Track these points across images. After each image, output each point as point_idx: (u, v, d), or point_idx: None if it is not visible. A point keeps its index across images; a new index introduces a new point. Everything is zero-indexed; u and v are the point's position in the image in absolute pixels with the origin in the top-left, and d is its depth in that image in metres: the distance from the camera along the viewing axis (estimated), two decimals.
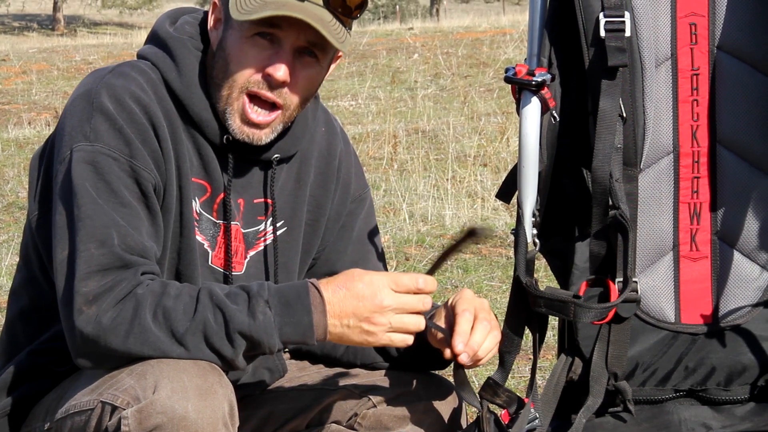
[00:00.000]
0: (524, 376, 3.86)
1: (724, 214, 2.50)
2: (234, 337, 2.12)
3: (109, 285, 2.13)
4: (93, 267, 2.13)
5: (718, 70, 2.47)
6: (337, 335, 2.17)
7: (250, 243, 2.41)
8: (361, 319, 2.16)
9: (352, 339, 2.18)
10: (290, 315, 2.15)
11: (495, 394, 2.37)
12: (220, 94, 2.30)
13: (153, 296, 2.13)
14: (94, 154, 2.19)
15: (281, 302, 2.15)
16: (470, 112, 10.49)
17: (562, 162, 2.45)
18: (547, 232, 2.45)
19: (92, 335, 2.11)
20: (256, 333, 2.13)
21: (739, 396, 2.52)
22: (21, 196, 7.40)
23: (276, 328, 2.13)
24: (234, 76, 2.28)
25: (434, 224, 6.60)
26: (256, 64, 2.27)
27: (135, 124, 2.22)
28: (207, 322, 2.12)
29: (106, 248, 2.14)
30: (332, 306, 2.16)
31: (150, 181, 2.22)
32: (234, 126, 2.29)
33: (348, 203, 2.54)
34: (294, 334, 2.15)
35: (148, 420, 2.06)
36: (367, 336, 2.17)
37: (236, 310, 2.13)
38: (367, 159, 8.49)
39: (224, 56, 2.29)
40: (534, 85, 2.33)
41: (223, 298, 2.14)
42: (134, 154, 2.21)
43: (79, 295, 2.12)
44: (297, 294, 2.16)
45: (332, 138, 2.52)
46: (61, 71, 14.26)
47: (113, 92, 2.23)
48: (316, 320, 2.15)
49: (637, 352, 2.50)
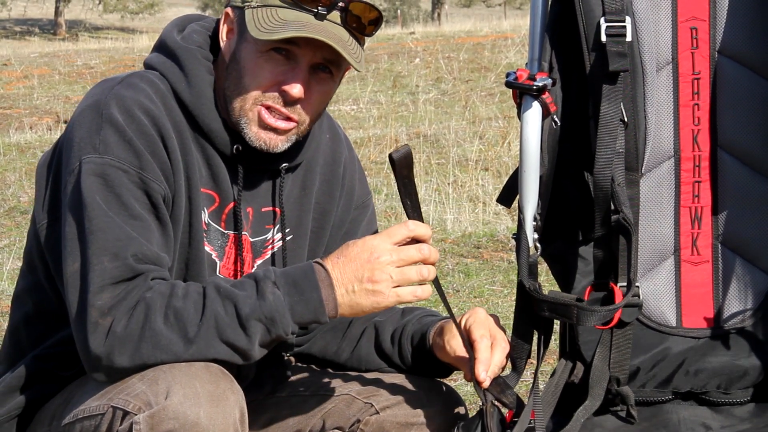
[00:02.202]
0: (526, 380, 3.86)
1: (725, 218, 2.50)
2: (247, 324, 2.12)
3: (122, 295, 2.13)
4: (107, 280, 2.14)
5: (719, 75, 2.47)
6: (347, 305, 2.16)
7: (258, 252, 2.42)
8: (364, 280, 2.15)
9: (362, 304, 2.16)
10: (299, 293, 2.15)
11: (501, 392, 2.37)
12: (233, 106, 2.30)
13: (162, 298, 2.13)
14: (104, 167, 2.19)
15: (288, 282, 2.15)
16: (471, 117, 10.49)
17: (564, 166, 2.46)
18: (548, 236, 2.45)
19: (107, 346, 2.12)
20: (268, 313, 2.12)
21: (740, 399, 2.52)
22: (22, 200, 7.41)
23: (287, 307, 2.13)
24: (248, 89, 2.28)
25: (436, 228, 6.60)
26: (271, 79, 2.27)
27: (144, 135, 2.22)
28: (218, 316, 2.12)
29: (119, 261, 2.15)
30: (336, 277, 2.16)
31: (160, 192, 2.22)
32: (251, 134, 2.30)
33: (352, 210, 2.55)
34: (306, 312, 2.15)
35: (160, 425, 2.06)
36: (374, 297, 2.15)
37: (245, 296, 2.14)
38: (369, 163, 8.49)
39: (238, 69, 2.29)
40: (535, 89, 2.33)
41: (230, 288, 2.15)
42: (144, 165, 2.21)
43: (94, 309, 2.13)
44: (303, 273, 2.16)
45: (337, 145, 2.53)
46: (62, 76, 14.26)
47: (123, 104, 2.23)
48: (325, 295, 2.15)
49: (639, 356, 2.50)
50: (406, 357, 2.49)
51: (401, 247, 2.17)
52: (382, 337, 2.50)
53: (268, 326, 2.13)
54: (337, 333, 2.55)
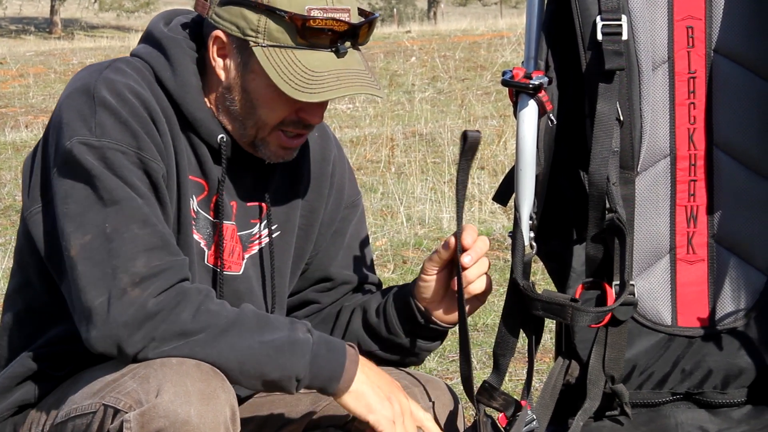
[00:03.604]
0: (521, 379, 3.86)
1: (720, 217, 2.50)
2: (266, 342, 2.14)
3: (157, 269, 2.13)
4: (140, 246, 2.13)
5: (715, 74, 2.47)
6: (359, 391, 2.21)
7: (245, 245, 2.42)
8: (383, 388, 2.24)
9: (370, 399, 2.21)
10: (327, 350, 2.19)
11: (491, 398, 2.38)
12: (247, 132, 2.31)
13: (198, 294, 2.15)
14: (103, 150, 2.18)
15: (321, 337, 2.21)
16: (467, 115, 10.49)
17: (560, 165, 2.45)
18: (544, 235, 2.45)
19: (131, 318, 2.10)
20: (292, 344, 2.16)
21: (736, 399, 2.52)
22: (18, 199, 7.40)
23: (311, 352, 2.17)
24: (266, 120, 2.29)
25: (432, 227, 6.60)
26: (289, 109, 2.29)
27: (138, 117, 2.22)
28: (243, 328, 2.15)
29: (149, 228, 2.15)
30: (363, 363, 2.24)
31: (159, 171, 2.22)
32: (269, 153, 2.33)
33: (341, 209, 2.55)
34: (325, 367, 2.18)
35: (150, 424, 2.06)
36: (382, 405, 2.22)
37: (277, 325, 2.18)
38: (365, 162, 8.49)
39: (249, 99, 2.29)
40: (531, 88, 2.33)
41: (265, 314, 2.20)
42: (142, 146, 2.21)
43: (127, 275, 2.11)
44: (336, 340, 2.23)
45: (326, 143, 2.53)
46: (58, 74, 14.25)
47: (113, 87, 2.23)
48: (348, 365, 2.20)
49: (634, 354, 2.50)
50: (393, 324, 2.45)
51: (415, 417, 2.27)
52: (369, 313, 2.49)
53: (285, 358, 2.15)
54: (327, 324, 2.55)
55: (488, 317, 4.89)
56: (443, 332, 2.48)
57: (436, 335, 2.47)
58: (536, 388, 3.47)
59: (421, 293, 2.42)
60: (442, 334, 2.48)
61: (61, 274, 2.22)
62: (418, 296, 2.42)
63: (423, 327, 2.44)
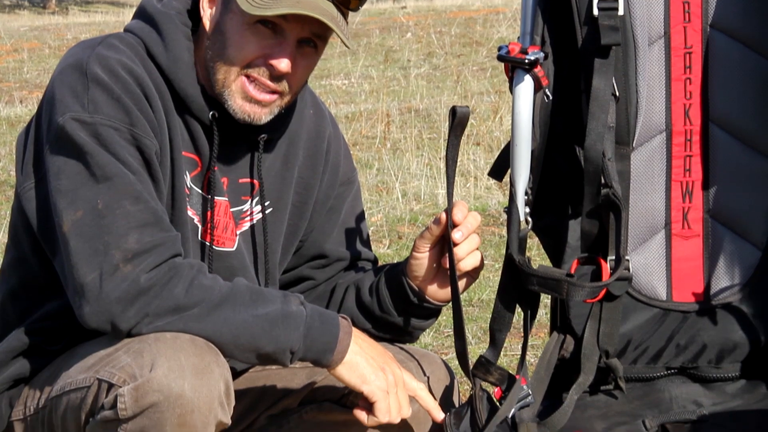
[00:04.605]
0: (516, 354, 3.87)
1: (716, 193, 2.50)
2: (260, 316, 2.15)
3: (149, 245, 2.13)
4: (132, 223, 2.13)
5: (711, 49, 2.47)
6: (351, 361, 2.22)
7: (237, 222, 2.42)
8: (377, 359, 2.25)
9: (364, 370, 2.23)
10: (321, 321, 2.20)
11: (487, 372, 2.39)
12: (216, 78, 2.29)
13: (191, 269, 2.15)
14: (95, 127, 2.18)
15: (314, 309, 2.22)
16: (463, 91, 10.47)
17: (555, 140, 2.45)
18: (539, 210, 2.45)
19: (124, 293, 2.10)
20: (285, 317, 2.16)
21: (730, 373, 2.53)
22: (13, 174, 7.39)
23: (304, 324, 2.17)
24: (233, 61, 2.27)
25: (427, 203, 6.60)
26: (258, 52, 2.26)
27: (131, 93, 2.22)
28: (237, 303, 2.15)
29: (142, 204, 2.15)
30: (356, 334, 2.25)
31: (152, 148, 2.22)
32: (235, 106, 2.29)
33: (337, 186, 2.54)
34: (318, 340, 2.19)
35: (144, 398, 2.07)
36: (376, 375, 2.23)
37: (271, 298, 2.19)
38: (360, 138, 8.48)
39: (222, 40, 2.28)
40: (527, 63, 2.33)
41: (258, 288, 2.21)
42: (134, 122, 2.20)
43: (119, 251, 2.11)
44: (329, 312, 2.24)
45: (321, 120, 2.52)
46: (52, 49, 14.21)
47: (106, 63, 2.22)
48: (342, 337, 2.21)
49: (629, 329, 2.51)
50: (385, 303, 2.46)
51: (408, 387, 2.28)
52: (362, 292, 2.50)
53: (279, 331, 2.16)
54: (322, 301, 2.55)
55: (484, 292, 4.90)
56: (436, 310, 2.47)
57: (429, 313, 2.48)
58: (531, 363, 3.48)
59: (413, 271, 2.42)
60: (435, 312, 2.48)
61: (54, 250, 2.22)
62: (410, 274, 2.42)
63: (416, 306, 2.45)
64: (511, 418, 2.36)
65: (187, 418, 2.07)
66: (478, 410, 2.31)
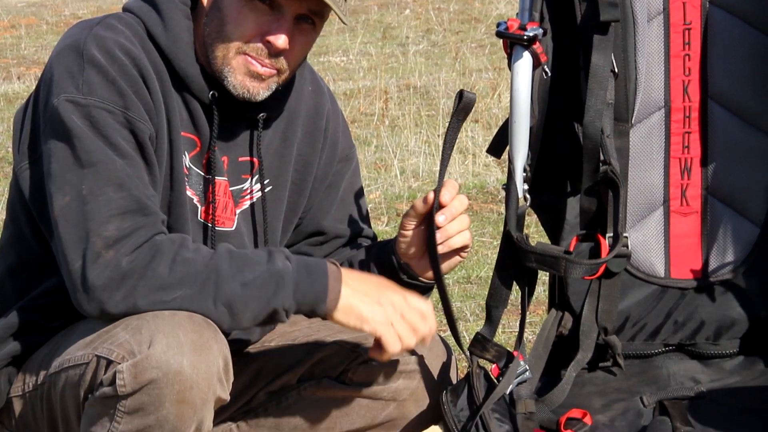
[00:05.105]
0: (514, 332, 3.87)
1: (714, 169, 2.50)
2: (248, 282, 2.14)
3: (129, 230, 2.13)
4: (113, 210, 2.13)
5: (711, 25, 2.46)
6: (347, 305, 2.20)
7: (236, 201, 2.42)
8: (372, 295, 2.22)
9: (361, 310, 2.20)
10: (308, 273, 2.18)
11: (484, 349, 2.39)
12: (215, 54, 2.28)
13: (172, 245, 2.14)
14: (89, 109, 2.17)
15: (300, 263, 2.19)
16: (462, 68, 10.44)
17: (554, 117, 2.45)
18: (538, 187, 2.45)
19: (107, 278, 2.10)
20: (272, 277, 2.14)
21: (728, 350, 2.53)
22: (10, 151, 7.38)
23: (292, 281, 2.15)
24: (231, 38, 2.26)
25: (425, 180, 6.59)
26: (255, 29, 2.25)
27: (127, 75, 2.21)
28: (221, 270, 2.13)
29: (125, 191, 2.14)
30: (347, 277, 2.22)
31: (146, 132, 2.21)
32: (235, 82, 2.28)
33: (335, 163, 2.54)
34: (308, 292, 2.17)
35: (143, 374, 2.07)
36: (375, 312, 2.20)
37: (255, 260, 2.16)
38: (359, 115, 8.47)
39: (220, 17, 2.27)
40: (526, 39, 2.32)
41: (241, 251, 2.18)
42: (129, 105, 2.20)
43: (100, 238, 2.11)
44: (316, 261, 2.22)
45: (319, 97, 2.51)
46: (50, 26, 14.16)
47: (103, 44, 2.22)
48: (332, 285, 2.19)
49: (627, 306, 2.51)
50: None
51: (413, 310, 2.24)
52: (354, 268, 2.48)
53: (269, 293, 2.15)
54: None
55: (482, 269, 4.90)
56: (427, 288, 2.45)
57: (420, 291, 2.45)
58: (529, 340, 3.48)
59: (402, 249, 2.41)
60: (426, 290, 2.45)
61: (50, 231, 2.23)
62: (400, 252, 2.42)
63: (405, 283, 2.42)
64: (508, 395, 2.36)
65: (185, 394, 2.07)
66: (476, 387, 2.31)
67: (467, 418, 2.28)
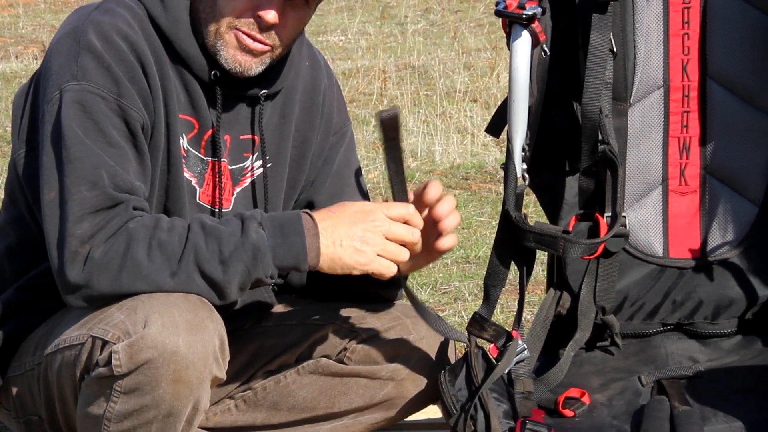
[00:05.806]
0: (512, 311, 3.88)
1: (713, 149, 2.50)
2: (228, 261, 2.13)
3: (102, 224, 2.13)
4: (86, 209, 2.13)
5: (710, 4, 2.46)
6: (329, 258, 2.18)
7: (236, 179, 2.41)
8: (354, 238, 2.18)
9: (345, 259, 2.18)
10: (284, 236, 2.15)
11: (482, 329, 2.38)
12: (208, 30, 2.28)
13: (145, 230, 2.13)
14: (82, 93, 2.18)
15: (274, 225, 2.16)
16: (460, 48, 10.42)
17: (552, 96, 2.44)
18: (536, 166, 2.44)
19: (85, 273, 2.12)
20: (250, 251, 2.13)
21: (726, 329, 2.53)
22: (9, 130, 7.37)
23: (269, 248, 2.14)
24: (223, 13, 2.26)
25: (424, 160, 6.59)
26: (246, 3, 2.25)
27: (123, 61, 2.21)
28: (199, 250, 2.12)
29: (98, 189, 2.14)
30: (324, 229, 2.18)
31: (138, 120, 2.21)
32: (227, 56, 2.28)
33: (330, 137, 2.53)
34: (287, 256, 2.15)
35: (138, 354, 2.07)
36: (357, 255, 2.17)
37: (229, 233, 2.14)
38: (357, 95, 8.46)
39: None
40: (524, 18, 2.31)
41: (215, 225, 2.16)
42: (122, 92, 2.20)
43: (74, 238, 2.12)
44: (289, 219, 2.18)
45: (316, 73, 2.51)
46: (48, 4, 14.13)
47: (100, 30, 2.22)
48: (309, 242, 2.16)
49: (625, 286, 2.51)
50: None
51: (395, 222, 2.20)
52: None
53: (249, 266, 2.14)
54: None
55: (480, 249, 4.90)
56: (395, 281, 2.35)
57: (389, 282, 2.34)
58: (527, 320, 3.49)
59: None
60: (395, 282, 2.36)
61: (42, 219, 2.24)
62: None
63: None
64: (507, 374, 2.36)
65: (182, 373, 2.08)
66: (474, 367, 2.31)
67: (465, 398, 2.28)
